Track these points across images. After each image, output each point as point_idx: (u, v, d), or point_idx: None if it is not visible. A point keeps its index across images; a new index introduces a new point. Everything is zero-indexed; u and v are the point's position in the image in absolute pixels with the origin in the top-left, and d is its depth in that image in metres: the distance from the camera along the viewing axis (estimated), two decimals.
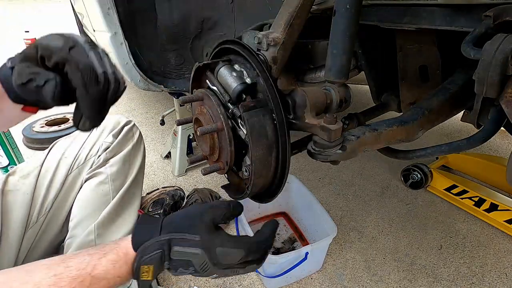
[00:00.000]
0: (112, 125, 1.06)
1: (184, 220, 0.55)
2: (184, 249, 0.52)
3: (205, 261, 0.53)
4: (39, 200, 0.90)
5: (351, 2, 0.50)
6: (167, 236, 0.52)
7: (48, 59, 0.48)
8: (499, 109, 0.56)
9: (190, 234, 0.53)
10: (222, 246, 0.54)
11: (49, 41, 0.49)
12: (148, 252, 0.52)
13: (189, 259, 0.52)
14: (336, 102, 0.69)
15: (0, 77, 0.52)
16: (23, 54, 0.51)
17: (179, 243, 0.52)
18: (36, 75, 0.48)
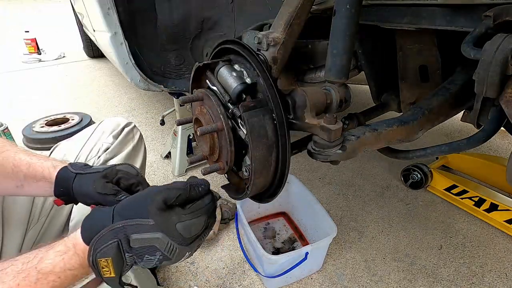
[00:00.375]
0: (112, 127, 1.06)
1: (134, 205, 0.52)
2: (142, 236, 0.48)
3: (169, 243, 0.49)
4: (40, 200, 0.90)
5: (351, 2, 0.50)
6: (120, 224, 0.49)
7: (127, 180, 0.67)
8: (499, 109, 0.56)
9: (142, 219, 0.49)
10: (180, 221, 0.50)
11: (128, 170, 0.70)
12: (103, 243, 0.48)
13: (152, 244, 0.48)
14: (336, 102, 0.69)
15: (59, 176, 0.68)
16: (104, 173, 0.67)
17: (135, 230, 0.48)
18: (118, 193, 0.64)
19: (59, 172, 0.69)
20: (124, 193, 0.65)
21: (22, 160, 0.70)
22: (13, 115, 2.44)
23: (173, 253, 0.50)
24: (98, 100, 2.76)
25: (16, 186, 0.70)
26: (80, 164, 0.71)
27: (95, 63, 3.85)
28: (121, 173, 0.68)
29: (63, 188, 0.68)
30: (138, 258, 0.50)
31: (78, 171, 0.68)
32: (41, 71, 3.56)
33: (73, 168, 0.68)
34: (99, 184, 0.64)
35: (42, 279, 0.47)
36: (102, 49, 2.03)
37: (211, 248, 1.31)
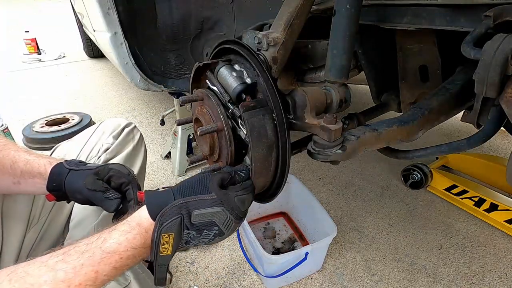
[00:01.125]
0: (113, 127, 1.06)
1: (195, 184, 0.56)
2: (204, 211, 0.52)
3: (227, 217, 0.53)
4: (40, 201, 0.90)
5: (351, 2, 0.50)
6: (183, 200, 0.52)
7: (117, 179, 0.70)
8: (499, 109, 0.56)
9: (204, 194, 0.53)
10: (237, 196, 0.55)
11: (120, 169, 0.71)
12: (167, 218, 0.50)
13: (211, 220, 0.52)
14: (336, 102, 0.69)
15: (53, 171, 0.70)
16: (96, 170, 0.69)
17: (197, 206, 0.52)
18: (106, 189, 0.67)
19: (54, 167, 0.70)
20: (113, 192, 0.67)
21: (20, 157, 0.72)
22: (13, 115, 2.44)
23: (229, 227, 0.55)
24: (98, 100, 2.76)
25: (13, 182, 0.72)
26: (76, 161, 0.73)
27: (95, 63, 3.85)
28: (113, 171, 0.70)
29: (55, 183, 0.69)
30: (197, 233, 0.53)
31: (72, 167, 0.70)
32: (41, 71, 3.56)
33: (67, 165, 0.70)
34: (90, 180, 0.66)
35: (105, 259, 0.48)
36: (102, 49, 2.03)
37: (211, 248, 1.31)
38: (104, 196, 0.66)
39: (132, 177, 0.72)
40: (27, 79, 3.30)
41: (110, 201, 0.66)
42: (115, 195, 0.67)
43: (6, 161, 0.71)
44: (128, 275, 0.99)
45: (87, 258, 0.47)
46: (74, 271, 0.46)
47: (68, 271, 0.46)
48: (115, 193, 0.67)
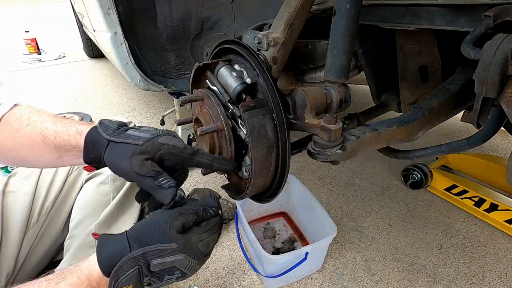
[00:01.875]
0: None
1: (153, 231, 0.51)
2: (164, 260, 0.49)
3: (189, 262, 0.51)
4: (39, 200, 0.90)
5: (351, 2, 0.50)
6: (140, 251, 0.49)
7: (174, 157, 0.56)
8: (499, 109, 0.56)
9: (164, 244, 0.49)
10: (201, 240, 0.52)
11: (174, 143, 0.56)
12: (124, 272, 0.48)
13: (173, 266, 0.50)
14: (336, 102, 0.69)
15: (88, 140, 0.58)
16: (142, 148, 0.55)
17: (156, 256, 0.49)
18: (159, 175, 0.54)
19: (88, 135, 0.59)
20: (165, 176, 0.54)
21: (49, 130, 0.62)
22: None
23: (192, 269, 0.52)
24: (98, 100, 2.76)
25: (56, 157, 0.63)
26: (113, 126, 0.59)
27: (95, 63, 3.84)
28: (165, 147, 0.55)
29: (93, 156, 0.59)
30: (158, 280, 0.51)
31: (112, 137, 0.57)
32: (41, 71, 3.56)
33: (105, 133, 0.57)
34: (137, 161, 0.53)
35: None
36: (102, 49, 2.03)
37: None
38: (156, 184, 0.53)
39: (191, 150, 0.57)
40: (27, 79, 3.30)
41: (163, 190, 0.53)
42: (169, 182, 0.53)
43: (36, 136, 0.62)
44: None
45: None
46: None
47: None
48: (168, 179, 0.54)
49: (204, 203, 0.56)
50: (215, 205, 0.57)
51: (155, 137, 0.56)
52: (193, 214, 0.53)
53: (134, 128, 0.60)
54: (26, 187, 0.90)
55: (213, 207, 0.56)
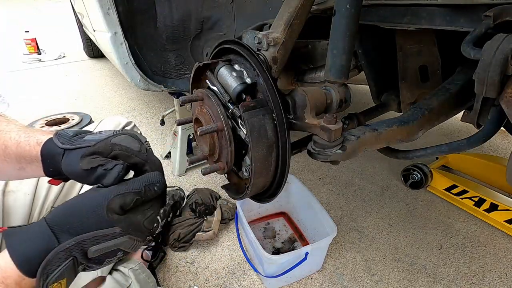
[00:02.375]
0: (113, 126, 1.06)
1: (85, 216, 0.45)
2: (104, 245, 0.44)
3: (135, 241, 0.47)
4: (40, 200, 0.90)
5: (351, 2, 0.50)
6: (73, 241, 0.43)
7: (126, 159, 0.52)
8: (499, 109, 0.56)
9: (103, 230, 0.44)
10: (146, 217, 0.48)
11: (128, 144, 0.53)
12: (55, 267, 0.42)
13: (115, 248, 0.46)
14: (336, 102, 0.69)
15: (45, 153, 0.55)
16: (93, 148, 0.51)
17: (94, 242, 0.44)
18: (106, 162, 0.50)
19: (44, 147, 0.55)
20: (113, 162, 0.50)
21: (11, 140, 0.58)
22: (13, 115, 2.44)
23: (136, 247, 0.48)
24: (98, 100, 2.76)
25: (17, 168, 0.60)
26: (69, 134, 0.56)
27: (95, 63, 3.84)
28: (118, 148, 0.52)
29: (52, 168, 0.55)
30: (97, 264, 0.46)
31: (67, 145, 0.53)
32: (41, 71, 3.56)
33: (60, 142, 0.54)
34: (86, 161, 0.51)
35: None
36: (102, 49, 2.03)
37: (211, 248, 1.31)
38: (103, 169, 0.50)
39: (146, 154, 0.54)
40: (27, 79, 3.30)
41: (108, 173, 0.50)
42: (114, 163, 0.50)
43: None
44: (129, 276, 1.00)
45: None
46: None
47: None
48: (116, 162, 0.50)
49: (146, 180, 0.49)
50: (159, 179, 0.50)
51: (109, 137, 0.53)
52: (133, 194, 0.46)
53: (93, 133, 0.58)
54: (26, 187, 0.90)
55: (156, 183, 0.49)
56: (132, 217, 0.47)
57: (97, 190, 0.47)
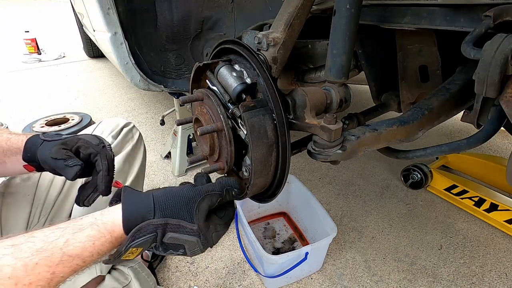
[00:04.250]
0: (112, 127, 1.06)
1: (181, 205, 0.52)
2: (179, 236, 0.50)
3: (198, 247, 0.52)
4: (40, 201, 0.90)
5: (351, 2, 0.50)
6: (163, 221, 0.50)
7: (85, 149, 0.69)
8: (499, 109, 0.56)
9: (187, 222, 0.51)
10: (216, 231, 0.54)
11: (89, 139, 0.71)
12: (141, 235, 0.48)
13: (182, 244, 0.51)
14: (336, 102, 0.69)
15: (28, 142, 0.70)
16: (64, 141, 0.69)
17: (174, 229, 0.50)
18: (69, 157, 0.66)
19: (29, 138, 0.71)
20: (75, 160, 0.66)
21: (2, 137, 0.72)
22: (13, 115, 2.44)
23: (194, 253, 0.54)
24: (98, 100, 2.76)
25: None
26: (53, 133, 0.73)
27: (95, 63, 3.85)
28: (81, 142, 0.69)
29: (29, 153, 0.70)
30: (162, 250, 0.52)
31: (46, 138, 0.70)
32: (41, 71, 3.56)
33: (43, 136, 0.71)
34: (55, 149, 0.67)
35: (66, 262, 0.45)
36: (102, 49, 2.03)
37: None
38: (65, 163, 0.65)
39: (101, 148, 0.70)
40: (27, 79, 3.30)
41: (69, 169, 0.65)
42: (74, 163, 0.65)
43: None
44: (128, 274, 0.99)
45: (43, 257, 0.43)
46: (24, 269, 0.42)
47: (17, 268, 0.41)
48: (76, 161, 0.66)
49: (226, 184, 0.57)
50: (236, 186, 0.58)
51: (77, 134, 0.72)
52: (217, 195, 0.54)
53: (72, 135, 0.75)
54: (26, 188, 0.90)
55: (234, 188, 0.57)
56: (208, 224, 0.54)
57: (194, 186, 0.55)
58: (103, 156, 0.69)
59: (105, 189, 0.69)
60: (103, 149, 0.70)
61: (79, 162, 0.66)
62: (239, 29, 1.20)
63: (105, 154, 0.70)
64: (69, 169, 0.65)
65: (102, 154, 0.69)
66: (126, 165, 1.05)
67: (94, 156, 0.69)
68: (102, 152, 0.70)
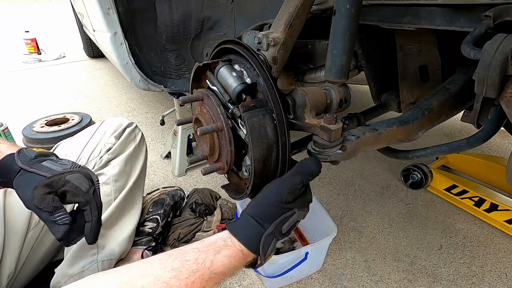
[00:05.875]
0: (114, 127, 1.06)
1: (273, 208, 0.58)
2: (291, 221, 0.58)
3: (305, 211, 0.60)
4: None
5: (351, 2, 0.50)
6: (273, 227, 0.57)
7: (73, 197, 0.62)
8: (499, 109, 0.56)
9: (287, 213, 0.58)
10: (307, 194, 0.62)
11: (79, 183, 0.63)
12: (267, 246, 0.56)
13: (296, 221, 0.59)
14: (336, 102, 0.69)
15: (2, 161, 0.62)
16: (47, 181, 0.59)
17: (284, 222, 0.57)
18: (55, 211, 0.59)
19: (3, 160, 0.62)
20: (62, 213, 0.59)
21: None
22: (13, 115, 2.44)
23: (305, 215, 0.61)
24: (98, 100, 2.76)
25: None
26: (31, 155, 0.63)
27: (95, 63, 3.85)
28: (69, 186, 0.61)
29: (3, 179, 0.62)
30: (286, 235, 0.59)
31: (25, 166, 0.61)
32: (41, 71, 3.56)
33: (20, 161, 0.61)
34: (39, 193, 0.58)
35: (213, 279, 0.54)
36: (102, 49, 2.03)
37: None
38: (51, 218, 0.59)
39: (91, 196, 0.64)
40: (27, 79, 3.30)
41: (57, 226, 0.59)
42: (64, 219, 0.59)
43: None
44: None
45: (198, 277, 0.51)
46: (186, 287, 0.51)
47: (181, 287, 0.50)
48: (64, 216, 0.60)
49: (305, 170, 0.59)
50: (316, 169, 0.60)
51: (64, 173, 0.62)
52: (300, 188, 0.58)
53: (53, 160, 0.66)
54: None
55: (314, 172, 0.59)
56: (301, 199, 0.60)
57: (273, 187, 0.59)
58: (93, 206, 0.64)
59: (93, 241, 0.66)
60: (94, 197, 0.64)
61: (67, 219, 0.60)
62: (239, 29, 1.20)
63: (95, 204, 0.64)
64: (56, 226, 0.59)
65: (92, 204, 0.64)
66: (128, 166, 1.06)
67: (84, 205, 0.63)
68: (92, 201, 0.64)
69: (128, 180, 1.05)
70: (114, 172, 1.01)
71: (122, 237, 1.01)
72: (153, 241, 1.17)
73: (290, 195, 0.57)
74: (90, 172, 0.66)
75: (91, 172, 0.67)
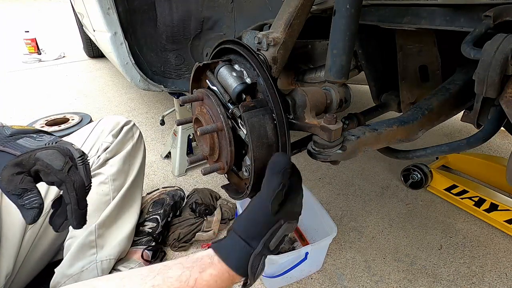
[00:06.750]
0: (112, 126, 1.05)
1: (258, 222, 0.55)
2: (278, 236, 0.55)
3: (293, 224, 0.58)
4: None
5: (351, 2, 0.50)
6: (261, 245, 0.54)
7: (45, 176, 0.54)
8: (499, 109, 0.56)
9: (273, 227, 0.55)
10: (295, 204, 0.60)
11: (50, 161, 0.54)
12: (257, 266, 0.54)
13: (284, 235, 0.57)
14: (336, 102, 0.69)
15: None
16: (16, 160, 0.52)
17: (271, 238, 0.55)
18: (24, 193, 0.52)
19: None
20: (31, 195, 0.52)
21: None
22: (13, 115, 2.44)
23: (293, 228, 0.59)
24: (98, 100, 2.76)
25: None
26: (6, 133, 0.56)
27: (95, 63, 3.85)
28: (39, 164, 0.53)
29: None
30: (274, 251, 0.56)
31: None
32: (41, 71, 3.56)
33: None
34: (7, 173, 0.52)
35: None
36: (102, 49, 2.03)
37: None
38: (19, 202, 0.52)
39: (66, 174, 0.54)
40: (27, 79, 3.30)
41: (25, 210, 0.52)
42: (32, 202, 0.52)
43: None
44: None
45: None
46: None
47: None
48: (33, 199, 0.52)
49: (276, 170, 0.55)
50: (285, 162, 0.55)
51: (35, 150, 0.54)
52: (281, 189, 0.54)
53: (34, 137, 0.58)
54: None
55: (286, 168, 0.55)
56: (285, 209, 0.56)
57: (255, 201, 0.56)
58: (70, 186, 0.55)
59: (77, 225, 0.59)
60: (69, 174, 0.55)
61: (36, 202, 0.52)
62: (239, 29, 1.20)
63: (71, 182, 0.55)
64: (25, 211, 0.52)
65: (68, 184, 0.55)
66: (126, 164, 1.05)
67: (59, 185, 0.55)
68: (67, 180, 0.54)
69: (126, 179, 1.05)
70: (112, 171, 1.01)
71: (121, 236, 1.01)
72: (153, 241, 1.17)
73: (275, 201, 0.54)
74: (70, 148, 0.58)
75: (73, 147, 0.58)
